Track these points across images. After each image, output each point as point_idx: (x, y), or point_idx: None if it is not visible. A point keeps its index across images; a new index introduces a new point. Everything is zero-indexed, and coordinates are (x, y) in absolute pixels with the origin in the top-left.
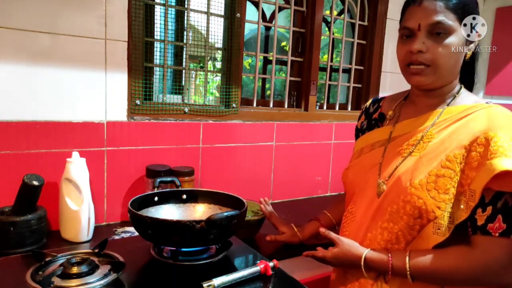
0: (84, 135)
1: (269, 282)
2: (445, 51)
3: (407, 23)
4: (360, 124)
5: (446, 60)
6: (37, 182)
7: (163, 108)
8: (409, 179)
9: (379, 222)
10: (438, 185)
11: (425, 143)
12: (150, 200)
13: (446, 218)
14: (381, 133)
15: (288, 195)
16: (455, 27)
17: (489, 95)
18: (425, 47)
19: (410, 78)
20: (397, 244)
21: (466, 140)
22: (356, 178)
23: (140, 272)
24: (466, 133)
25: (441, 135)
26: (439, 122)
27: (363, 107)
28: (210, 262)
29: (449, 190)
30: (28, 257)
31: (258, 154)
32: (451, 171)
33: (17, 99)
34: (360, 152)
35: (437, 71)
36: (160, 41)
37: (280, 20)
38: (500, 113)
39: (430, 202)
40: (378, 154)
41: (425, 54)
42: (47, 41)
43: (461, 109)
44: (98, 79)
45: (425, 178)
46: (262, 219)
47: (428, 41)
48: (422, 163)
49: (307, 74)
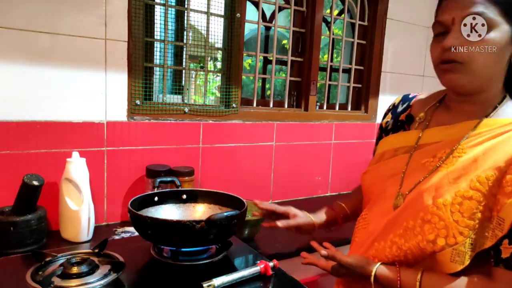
0: (84, 135)
1: (269, 282)
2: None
3: (440, 17)
4: (385, 123)
5: (483, 57)
6: (37, 182)
7: (163, 108)
8: (431, 197)
9: (391, 235)
10: (464, 208)
11: (455, 157)
12: (150, 200)
13: (468, 245)
14: (407, 137)
15: (288, 195)
16: (498, 22)
17: None
18: (458, 42)
19: (441, 77)
20: (406, 262)
21: (502, 161)
22: (374, 186)
23: (140, 272)
24: (504, 153)
25: (474, 151)
26: (474, 135)
27: (390, 105)
28: (210, 262)
29: (475, 215)
30: (28, 257)
31: (258, 154)
32: (480, 195)
33: (17, 99)
34: (381, 156)
35: (472, 70)
36: (160, 41)
37: (280, 20)
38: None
39: (453, 226)
40: (401, 162)
41: (460, 51)
42: (47, 41)
43: (501, 122)
44: (98, 79)
45: (451, 198)
46: (262, 219)
47: (463, 37)
48: (448, 181)
49: (307, 74)
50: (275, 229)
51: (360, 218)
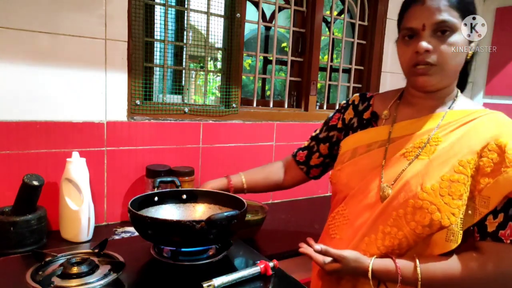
0: (84, 135)
1: (269, 282)
2: (450, 49)
3: (410, 24)
4: (348, 118)
5: (452, 58)
6: (37, 182)
7: (163, 108)
8: (419, 184)
9: (381, 226)
10: (452, 190)
11: (432, 146)
12: (150, 200)
13: (459, 224)
14: (378, 133)
15: (288, 195)
16: (459, 25)
17: (489, 95)
18: (431, 47)
19: (416, 79)
20: (399, 250)
21: (478, 146)
22: (352, 181)
23: (140, 272)
24: (477, 138)
25: (450, 139)
26: (444, 125)
27: (348, 101)
28: (210, 262)
29: (462, 196)
30: (28, 257)
31: (258, 154)
32: (464, 176)
33: (17, 99)
34: (354, 153)
35: (443, 71)
36: (160, 41)
37: (280, 20)
38: (507, 120)
39: (445, 208)
40: (377, 156)
41: (432, 54)
42: (47, 41)
43: (465, 113)
44: (98, 79)
45: (438, 183)
46: (262, 219)
47: (433, 40)
48: (433, 167)
49: (307, 74)
50: (274, 230)
51: (336, 214)
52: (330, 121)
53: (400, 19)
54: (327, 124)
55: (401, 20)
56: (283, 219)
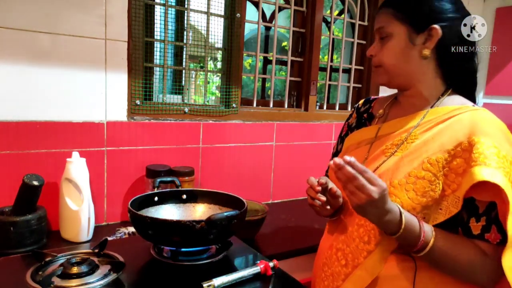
0: (84, 135)
1: (269, 282)
2: (387, 52)
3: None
4: (351, 122)
5: (390, 60)
6: (37, 182)
7: (163, 108)
8: (389, 179)
9: (356, 219)
10: (417, 187)
11: (408, 143)
12: (150, 200)
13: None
14: (368, 131)
15: (288, 195)
16: (395, 32)
17: (489, 95)
18: (374, 51)
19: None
20: (368, 244)
21: (450, 144)
22: None
23: (140, 272)
24: (450, 137)
25: (424, 136)
26: (424, 123)
27: (354, 106)
28: (210, 262)
29: (426, 193)
30: (28, 257)
31: (258, 154)
32: (431, 175)
33: (17, 99)
34: (346, 151)
35: (387, 71)
36: (160, 41)
37: (280, 20)
38: (484, 117)
39: (407, 203)
40: (362, 152)
41: (375, 57)
42: (47, 41)
43: (445, 110)
44: (98, 79)
45: (405, 179)
46: (262, 219)
47: (377, 45)
48: (403, 163)
49: (307, 74)
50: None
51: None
52: (342, 132)
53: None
54: (340, 137)
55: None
56: (283, 219)
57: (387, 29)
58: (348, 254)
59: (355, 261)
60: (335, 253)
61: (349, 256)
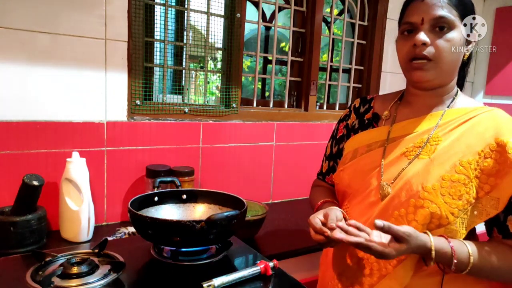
0: (84, 135)
1: (269, 282)
2: (447, 45)
3: (409, 18)
4: (351, 123)
5: (448, 54)
6: (37, 182)
7: (163, 108)
8: (421, 183)
9: None
10: (452, 190)
11: (432, 145)
12: (150, 200)
13: (458, 224)
14: (378, 133)
15: (288, 195)
16: (457, 23)
17: (489, 95)
18: (428, 40)
19: (411, 74)
20: None
21: (478, 146)
22: (354, 181)
23: (140, 272)
24: (475, 138)
25: (450, 138)
26: (443, 124)
27: (350, 106)
28: (210, 262)
29: (462, 196)
30: (28, 257)
31: (258, 154)
32: (465, 177)
33: (17, 99)
34: (355, 153)
35: (439, 66)
36: (160, 41)
37: (280, 20)
38: (504, 117)
39: (445, 207)
40: (377, 156)
41: (429, 48)
42: (47, 41)
43: (463, 111)
44: (98, 79)
45: (438, 183)
46: (262, 219)
47: (430, 35)
48: (433, 167)
49: (307, 74)
50: (274, 230)
51: None
52: (337, 134)
53: (401, 17)
54: (335, 138)
55: (402, 17)
56: (283, 219)
57: (451, 19)
58: (373, 263)
59: (383, 270)
60: (356, 262)
61: (374, 265)
